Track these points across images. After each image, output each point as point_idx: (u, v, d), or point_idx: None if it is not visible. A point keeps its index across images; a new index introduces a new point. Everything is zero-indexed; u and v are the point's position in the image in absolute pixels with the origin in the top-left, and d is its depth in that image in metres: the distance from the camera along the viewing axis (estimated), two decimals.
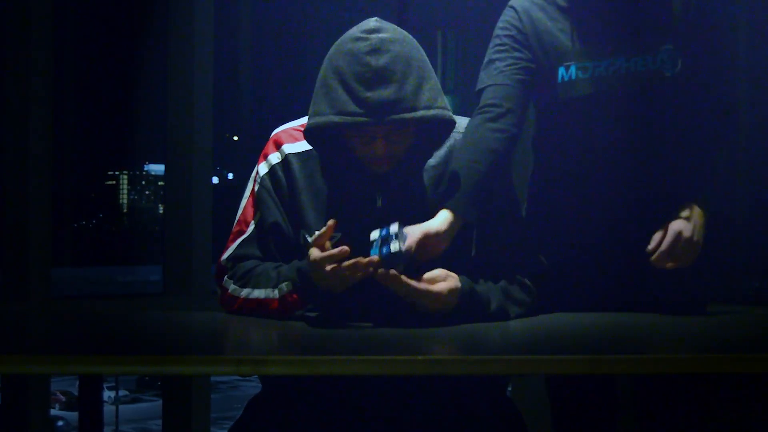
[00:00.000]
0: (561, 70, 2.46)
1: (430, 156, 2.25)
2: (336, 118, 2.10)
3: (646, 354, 1.87)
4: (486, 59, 2.51)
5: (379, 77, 2.10)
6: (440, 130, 2.21)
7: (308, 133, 2.18)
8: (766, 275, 3.67)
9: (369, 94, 2.09)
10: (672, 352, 1.97)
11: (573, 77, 2.45)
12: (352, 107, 2.09)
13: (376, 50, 2.11)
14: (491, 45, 2.53)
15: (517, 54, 2.47)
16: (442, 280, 2.10)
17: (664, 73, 2.42)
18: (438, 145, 2.24)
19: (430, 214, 2.23)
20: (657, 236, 2.34)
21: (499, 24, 2.53)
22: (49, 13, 3.56)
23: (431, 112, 2.12)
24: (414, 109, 2.11)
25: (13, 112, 3.53)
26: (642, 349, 1.97)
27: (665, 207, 2.45)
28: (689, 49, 2.45)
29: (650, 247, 2.34)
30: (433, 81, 2.16)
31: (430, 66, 2.19)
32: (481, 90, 2.45)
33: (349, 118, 2.10)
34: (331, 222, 2.10)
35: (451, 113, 2.17)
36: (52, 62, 3.58)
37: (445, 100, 2.17)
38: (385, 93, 2.09)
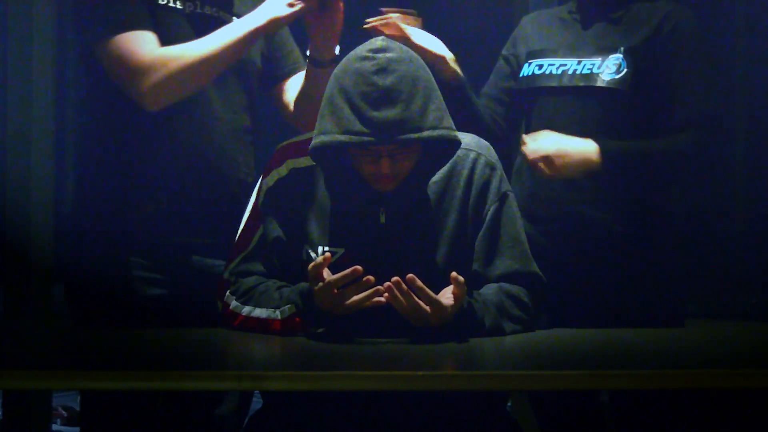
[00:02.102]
0: (525, 66, 2.68)
1: (434, 173, 2.26)
2: (342, 137, 2.11)
3: (640, 369, 1.88)
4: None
5: (386, 97, 2.10)
6: (445, 149, 2.22)
7: (314, 152, 2.19)
8: (762, 290, 3.67)
9: (375, 113, 2.10)
10: (666, 367, 1.97)
11: (530, 73, 2.65)
12: (358, 126, 2.10)
13: (382, 70, 2.12)
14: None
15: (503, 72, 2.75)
16: (446, 295, 2.10)
17: (602, 77, 2.51)
18: (443, 164, 2.26)
19: (434, 231, 2.24)
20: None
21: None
22: (52, 31, 3.58)
23: (437, 132, 2.13)
24: (420, 129, 2.11)
25: (16, 130, 3.55)
26: (636, 364, 1.97)
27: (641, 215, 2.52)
28: (651, 65, 2.51)
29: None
30: (439, 101, 2.16)
31: (436, 86, 2.19)
32: None
33: (354, 138, 2.10)
34: (327, 254, 2.11)
35: (456, 133, 2.17)
36: (56, 83, 3.60)
37: (450, 120, 2.17)
38: (392, 113, 2.10)
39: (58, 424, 4.16)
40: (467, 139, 2.33)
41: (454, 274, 2.07)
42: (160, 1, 2.44)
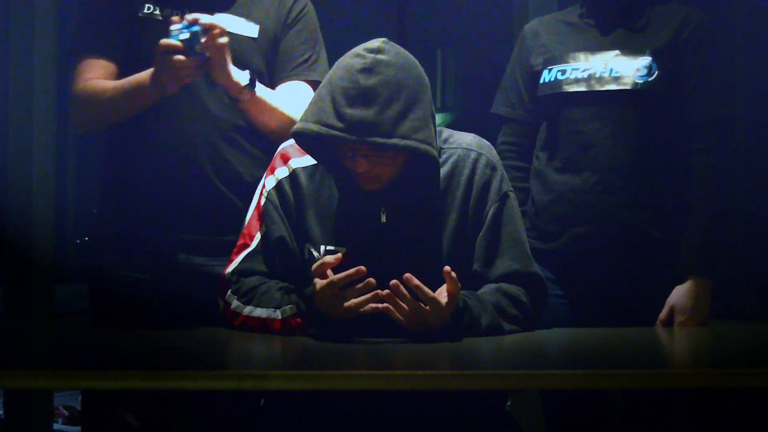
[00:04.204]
0: (545, 72, 2.67)
1: (430, 178, 2.26)
2: (314, 127, 2.12)
3: (642, 369, 1.88)
4: (502, 83, 2.79)
5: (363, 96, 2.10)
6: (423, 162, 2.18)
7: (295, 138, 2.20)
8: (762, 290, 3.67)
9: (349, 110, 2.10)
10: (668, 366, 1.98)
11: (551, 79, 2.64)
12: (333, 120, 2.11)
13: (368, 70, 2.12)
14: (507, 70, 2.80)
15: (521, 82, 2.73)
16: (442, 294, 2.10)
17: (635, 80, 2.53)
18: (429, 175, 2.22)
19: (434, 231, 2.24)
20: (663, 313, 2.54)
21: (513, 51, 2.80)
22: (53, 31, 3.58)
23: (404, 142, 2.10)
24: (389, 135, 2.10)
25: (18, 128, 3.55)
26: (638, 364, 1.98)
27: (654, 221, 2.54)
28: (677, 66, 2.54)
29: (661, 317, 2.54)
30: (422, 113, 2.14)
31: (426, 98, 2.17)
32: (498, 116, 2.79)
33: (324, 129, 2.11)
34: (339, 255, 2.11)
35: (430, 148, 2.12)
36: (56, 79, 3.61)
37: (429, 134, 2.13)
38: (364, 113, 2.10)
39: (59, 423, 4.16)
40: (468, 138, 2.33)
41: (446, 268, 2.07)
42: (140, 14, 2.49)
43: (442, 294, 2.08)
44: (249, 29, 2.51)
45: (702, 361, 2.14)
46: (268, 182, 2.31)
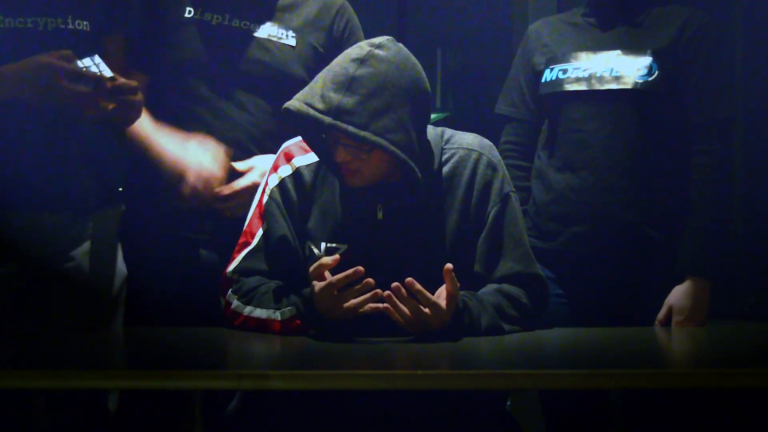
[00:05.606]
0: (546, 71, 2.68)
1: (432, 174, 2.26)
2: (297, 104, 2.13)
3: (642, 369, 1.88)
4: (506, 84, 2.81)
5: (348, 85, 2.10)
6: (402, 166, 2.16)
7: (285, 114, 2.18)
8: (762, 290, 3.67)
9: (332, 94, 2.10)
10: (667, 366, 1.98)
11: (553, 78, 2.65)
12: (316, 101, 2.11)
13: (361, 61, 2.12)
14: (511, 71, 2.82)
15: (524, 82, 2.76)
16: (441, 296, 2.10)
17: (635, 80, 2.54)
18: (409, 183, 2.19)
19: (433, 230, 2.24)
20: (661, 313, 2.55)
21: (517, 51, 2.82)
22: None
23: (374, 138, 2.09)
24: (363, 128, 2.09)
25: None
26: (637, 364, 1.98)
27: (654, 219, 2.54)
28: (678, 67, 2.55)
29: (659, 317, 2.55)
30: (405, 116, 2.12)
31: (413, 103, 2.15)
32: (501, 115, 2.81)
33: (305, 108, 2.11)
34: (337, 256, 2.11)
35: (398, 151, 2.10)
36: None
37: (406, 138, 2.11)
38: (344, 100, 2.10)
39: None
40: (469, 138, 2.33)
41: (447, 266, 2.06)
42: (186, 15, 2.50)
43: (441, 296, 2.08)
44: (287, 37, 2.53)
45: (701, 361, 2.14)
46: (271, 180, 2.31)
